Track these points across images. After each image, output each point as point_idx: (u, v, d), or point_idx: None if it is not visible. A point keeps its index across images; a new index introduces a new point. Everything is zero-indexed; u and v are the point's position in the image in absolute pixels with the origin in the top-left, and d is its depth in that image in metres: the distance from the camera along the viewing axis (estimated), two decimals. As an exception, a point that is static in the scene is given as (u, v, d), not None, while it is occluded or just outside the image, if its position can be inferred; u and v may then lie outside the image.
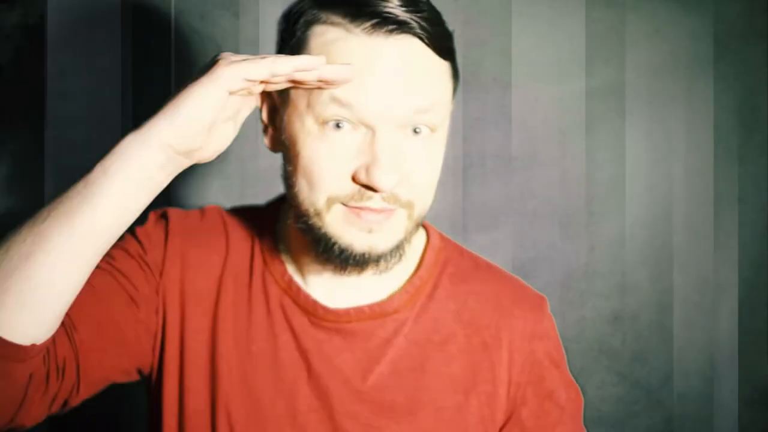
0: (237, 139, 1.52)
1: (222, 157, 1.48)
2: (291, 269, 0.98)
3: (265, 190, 1.44)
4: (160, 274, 0.97)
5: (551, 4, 1.55)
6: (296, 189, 0.88)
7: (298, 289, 0.96)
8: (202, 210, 1.04)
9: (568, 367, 1.02)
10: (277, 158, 0.93)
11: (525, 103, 1.55)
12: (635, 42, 1.57)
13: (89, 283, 0.88)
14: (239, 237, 1.01)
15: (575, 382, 1.01)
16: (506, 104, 1.54)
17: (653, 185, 1.61)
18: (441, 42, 0.87)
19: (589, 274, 1.60)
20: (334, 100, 0.83)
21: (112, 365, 0.92)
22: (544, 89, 1.55)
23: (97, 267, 0.92)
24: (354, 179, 0.85)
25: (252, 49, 1.44)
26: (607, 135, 1.58)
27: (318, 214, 0.86)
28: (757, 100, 1.62)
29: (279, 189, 1.00)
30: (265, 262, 0.98)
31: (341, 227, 0.86)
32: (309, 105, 0.85)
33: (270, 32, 1.48)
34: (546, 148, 1.57)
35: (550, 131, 1.57)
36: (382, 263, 0.88)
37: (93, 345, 0.88)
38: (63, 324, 0.85)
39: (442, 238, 1.04)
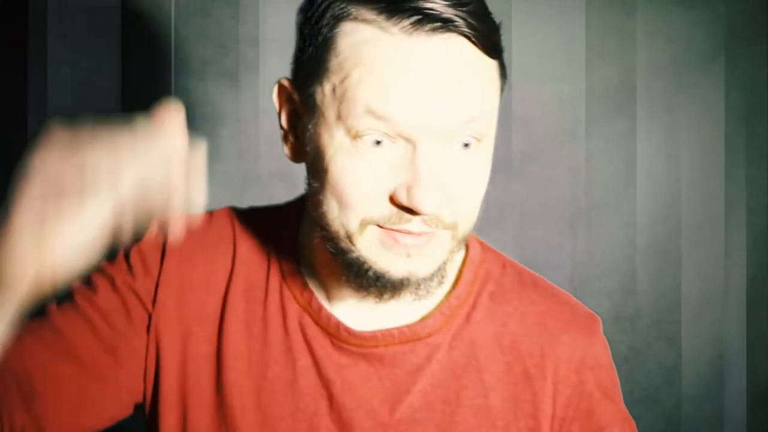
0: (236, 138, 1.51)
1: (221, 157, 1.48)
2: (312, 284, 0.87)
3: (266, 190, 1.44)
4: (153, 302, 0.87)
5: (551, 3, 1.55)
6: (324, 208, 0.77)
7: (320, 307, 0.86)
8: (211, 215, 0.94)
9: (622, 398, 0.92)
10: (278, 158, 0.92)
11: (525, 103, 1.55)
12: (636, 41, 1.57)
13: (59, 332, 0.82)
14: (252, 246, 0.90)
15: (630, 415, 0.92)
16: (506, 104, 1.54)
17: (656, 185, 1.60)
18: (490, 38, 0.76)
19: (590, 274, 1.60)
20: (370, 112, 0.72)
21: (88, 422, 0.84)
22: (544, 89, 1.55)
23: (73, 303, 0.85)
24: (392, 200, 0.74)
25: (252, 49, 1.44)
26: (609, 135, 1.58)
27: (350, 237, 0.76)
28: (760, 99, 1.62)
29: (279, 190, 0.99)
30: (282, 275, 0.88)
31: (376, 251, 0.76)
32: (339, 116, 0.74)
33: (270, 32, 1.48)
34: (547, 148, 1.57)
35: (551, 131, 1.57)
36: (423, 288, 0.79)
37: (57, 408, 0.81)
38: (20, 388, 0.79)
39: (483, 248, 0.93)
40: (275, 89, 0.84)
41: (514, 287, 0.90)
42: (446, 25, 0.72)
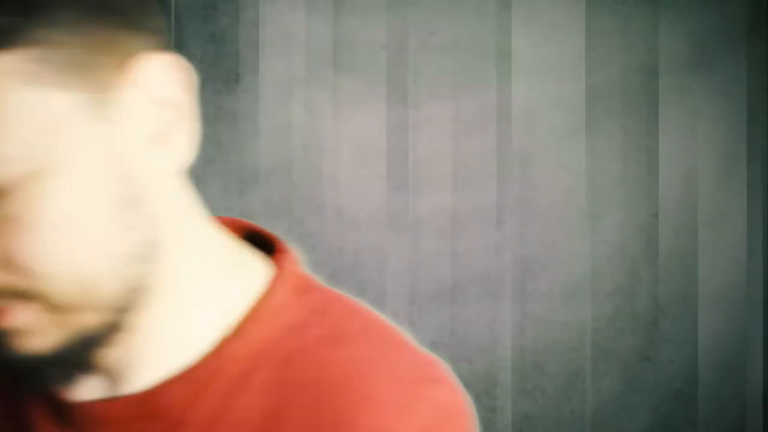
0: (236, 138, 1.52)
1: (221, 157, 1.49)
2: None
3: (265, 190, 1.44)
4: None
5: (552, 3, 1.55)
6: None
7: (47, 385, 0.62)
8: None
9: None
10: (278, 157, 0.92)
11: (525, 102, 1.55)
12: (636, 41, 1.57)
13: None
14: None
15: None
16: (506, 104, 1.54)
17: (657, 184, 1.61)
18: None
19: (590, 274, 1.60)
20: None
21: None
22: (544, 89, 1.55)
23: None
24: None
25: (252, 49, 1.44)
26: (610, 134, 1.58)
27: None
28: (759, 100, 1.62)
29: (279, 189, 0.99)
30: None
31: None
32: None
33: (270, 33, 1.49)
34: (547, 148, 1.57)
35: (551, 131, 1.57)
36: (73, 369, 0.57)
37: None
38: None
39: (301, 290, 0.64)
40: None
41: (321, 345, 0.64)
42: None
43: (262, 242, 0.65)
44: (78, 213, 0.52)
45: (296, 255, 0.64)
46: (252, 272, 0.63)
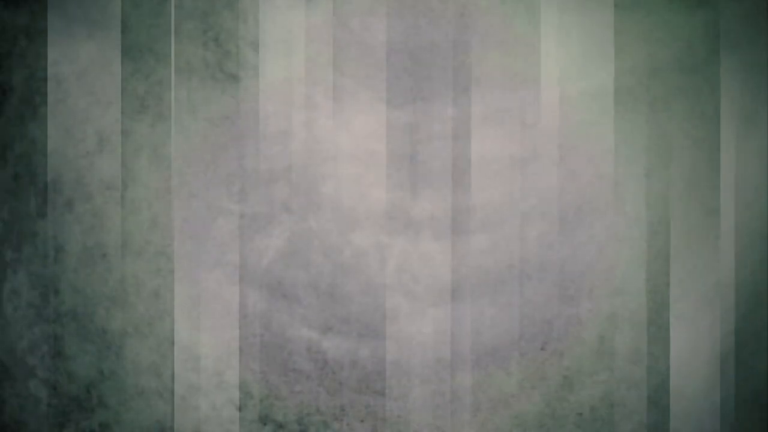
0: (236, 138, 1.51)
1: (221, 158, 1.48)
2: None
3: (266, 191, 1.44)
4: None
5: (552, 3, 1.55)
6: None
7: None
8: None
9: None
10: (279, 158, 0.92)
11: (525, 103, 1.54)
12: (636, 42, 1.57)
13: None
14: None
15: None
16: (506, 104, 1.54)
17: (657, 185, 1.60)
18: None
19: (589, 274, 1.59)
20: None
21: None
22: (546, 89, 1.55)
23: None
24: None
25: (252, 49, 1.44)
26: (609, 135, 1.58)
27: None
28: (755, 101, 1.62)
29: (280, 190, 0.99)
30: None
31: None
32: None
33: (270, 33, 1.48)
34: (546, 148, 1.57)
35: (551, 131, 1.57)
36: None
37: None
38: None
39: None
40: None
41: None
42: None
43: None
44: None
45: None
46: None
